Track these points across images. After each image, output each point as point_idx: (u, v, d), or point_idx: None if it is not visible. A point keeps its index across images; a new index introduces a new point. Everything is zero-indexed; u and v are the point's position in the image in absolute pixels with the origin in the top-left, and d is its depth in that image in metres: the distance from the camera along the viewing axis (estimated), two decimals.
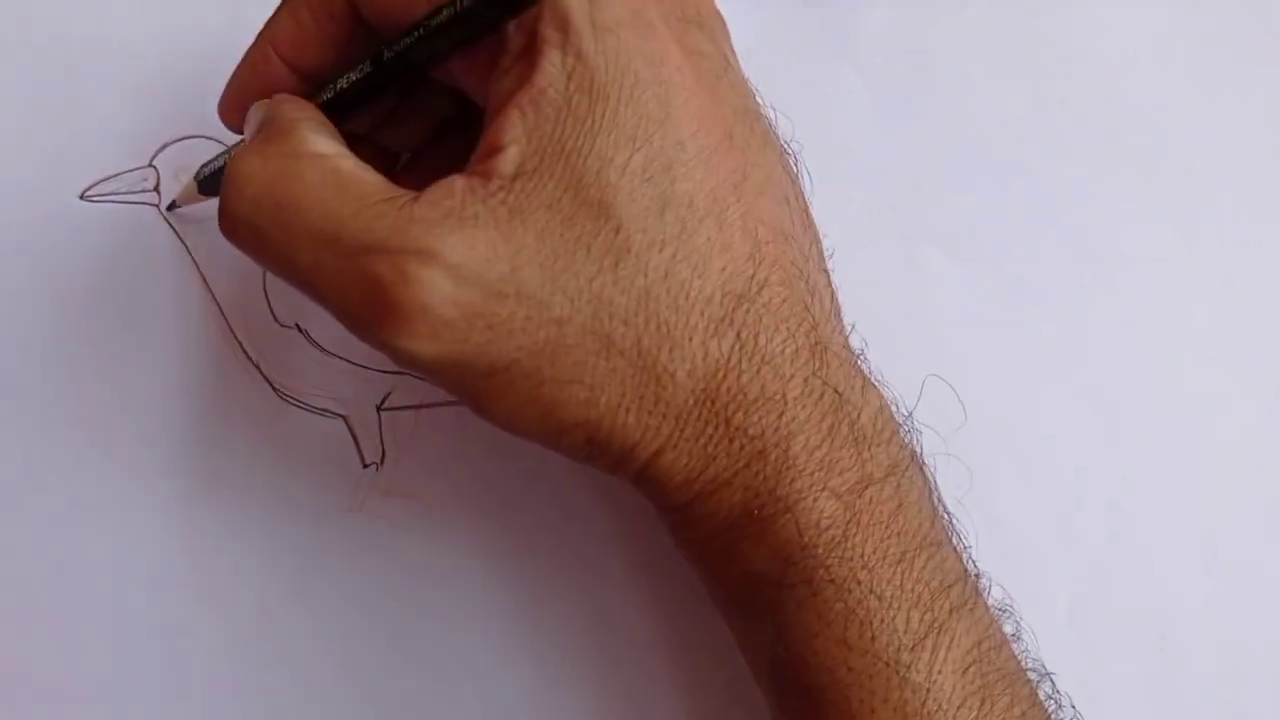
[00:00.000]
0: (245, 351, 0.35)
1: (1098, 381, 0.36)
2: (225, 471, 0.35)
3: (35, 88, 0.35)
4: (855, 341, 0.29)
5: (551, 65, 0.25)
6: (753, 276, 0.26)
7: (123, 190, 0.35)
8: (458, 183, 0.25)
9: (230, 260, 0.35)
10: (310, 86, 0.29)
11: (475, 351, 0.25)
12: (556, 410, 0.26)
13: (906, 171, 0.37)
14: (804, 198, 0.29)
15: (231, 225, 0.26)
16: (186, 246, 0.35)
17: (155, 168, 0.35)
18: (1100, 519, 0.36)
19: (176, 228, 0.35)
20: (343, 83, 0.28)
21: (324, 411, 0.35)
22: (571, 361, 0.25)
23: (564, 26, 0.25)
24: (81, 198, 0.35)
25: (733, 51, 0.29)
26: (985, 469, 0.36)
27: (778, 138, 0.29)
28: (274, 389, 0.35)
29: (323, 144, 0.26)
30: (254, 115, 0.29)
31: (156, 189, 0.35)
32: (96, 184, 0.35)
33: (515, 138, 0.25)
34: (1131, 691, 0.35)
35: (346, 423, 0.35)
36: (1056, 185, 0.37)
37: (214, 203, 0.36)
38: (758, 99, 0.29)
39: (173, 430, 0.34)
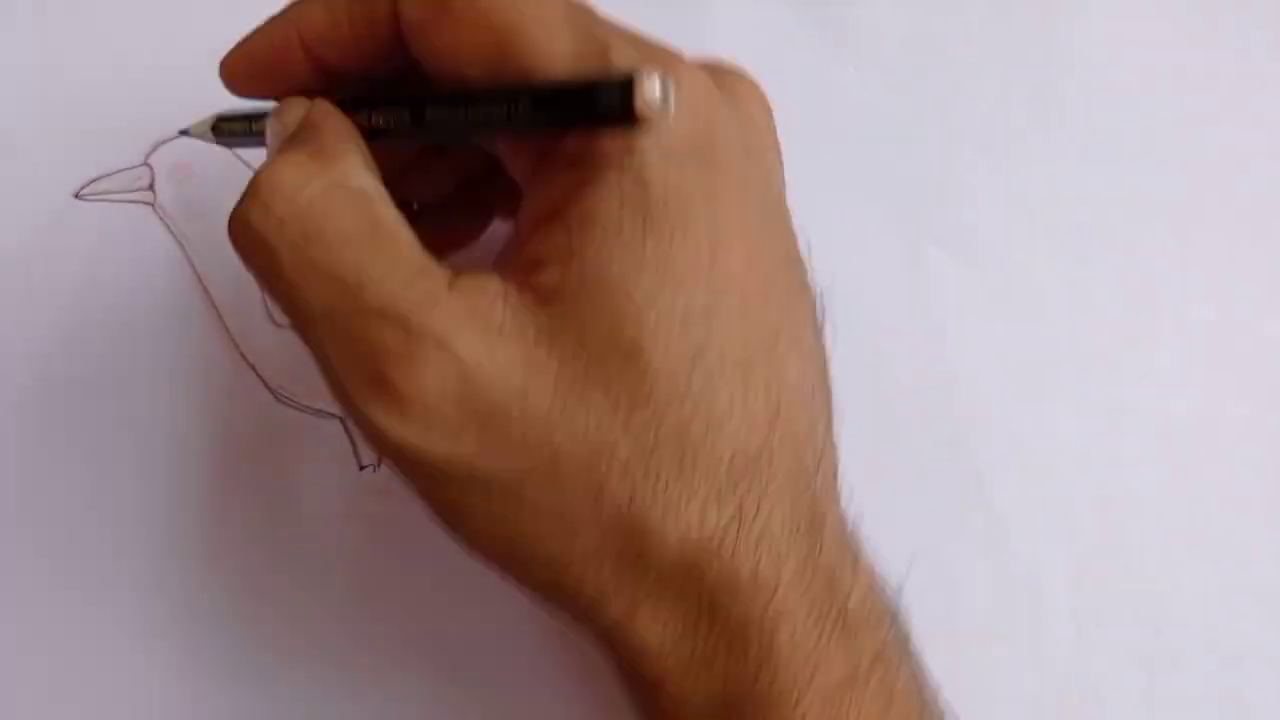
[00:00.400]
0: (241, 352, 0.35)
1: (1098, 381, 0.36)
2: (221, 472, 0.34)
3: (29, 87, 0.35)
4: (850, 489, 0.28)
5: (609, 185, 0.23)
6: (764, 444, 0.24)
7: (117, 189, 0.35)
8: (493, 284, 0.24)
9: (226, 260, 0.34)
10: (326, 83, 0.27)
11: (459, 458, 0.23)
12: (526, 541, 0.24)
13: (907, 171, 0.37)
14: (825, 349, 0.27)
15: (243, 235, 0.24)
16: (182, 245, 0.35)
17: (150, 166, 0.35)
18: (1100, 519, 0.36)
19: (172, 227, 0.35)
20: (376, 120, 0.26)
21: (320, 413, 0.35)
22: (557, 495, 0.23)
23: (628, 143, 0.23)
24: (76, 196, 0.35)
25: (784, 184, 0.27)
26: (985, 469, 0.36)
27: (812, 282, 0.27)
28: (270, 390, 0.35)
29: (368, 182, 0.24)
30: (290, 112, 0.26)
31: (151, 187, 0.35)
32: (91, 183, 0.35)
33: (559, 256, 0.23)
34: (1131, 691, 0.35)
35: (344, 424, 0.35)
36: (1057, 184, 0.37)
37: (214, 201, 0.36)
38: (796, 236, 0.27)
39: (168, 430, 0.34)
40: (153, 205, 0.35)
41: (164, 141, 0.35)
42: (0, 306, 0.34)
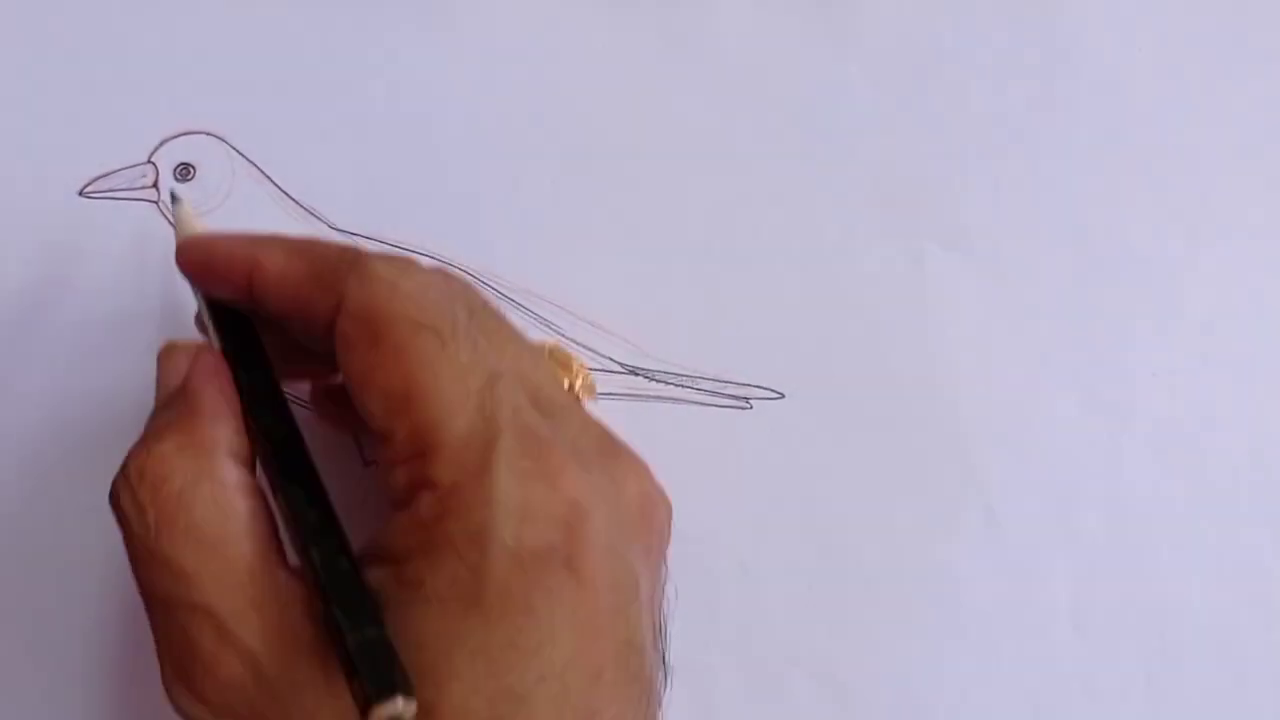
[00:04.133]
0: None
1: (1098, 381, 0.36)
2: None
3: (34, 84, 0.35)
4: None
5: (447, 565, 0.24)
6: None
7: (121, 186, 0.35)
8: (316, 601, 0.25)
9: None
10: (255, 311, 0.28)
11: None
12: None
13: (908, 170, 0.37)
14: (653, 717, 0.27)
15: (114, 506, 0.26)
16: None
17: (154, 164, 0.35)
18: (1100, 518, 0.36)
19: (176, 225, 0.35)
20: (255, 387, 0.28)
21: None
22: None
23: (475, 534, 0.24)
24: (80, 194, 0.35)
25: (655, 570, 0.28)
26: (985, 469, 0.36)
27: (655, 668, 0.27)
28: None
29: (232, 474, 0.26)
30: (173, 363, 0.28)
31: (155, 185, 0.35)
32: (95, 180, 0.35)
33: (388, 604, 0.24)
34: (1131, 691, 0.35)
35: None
36: (1058, 183, 0.37)
37: (217, 200, 0.36)
38: (645, 621, 0.27)
39: None
40: (157, 203, 0.35)
41: (168, 139, 0.35)
42: (2, 305, 0.34)
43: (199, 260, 0.29)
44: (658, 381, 0.35)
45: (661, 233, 0.36)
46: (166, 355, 0.29)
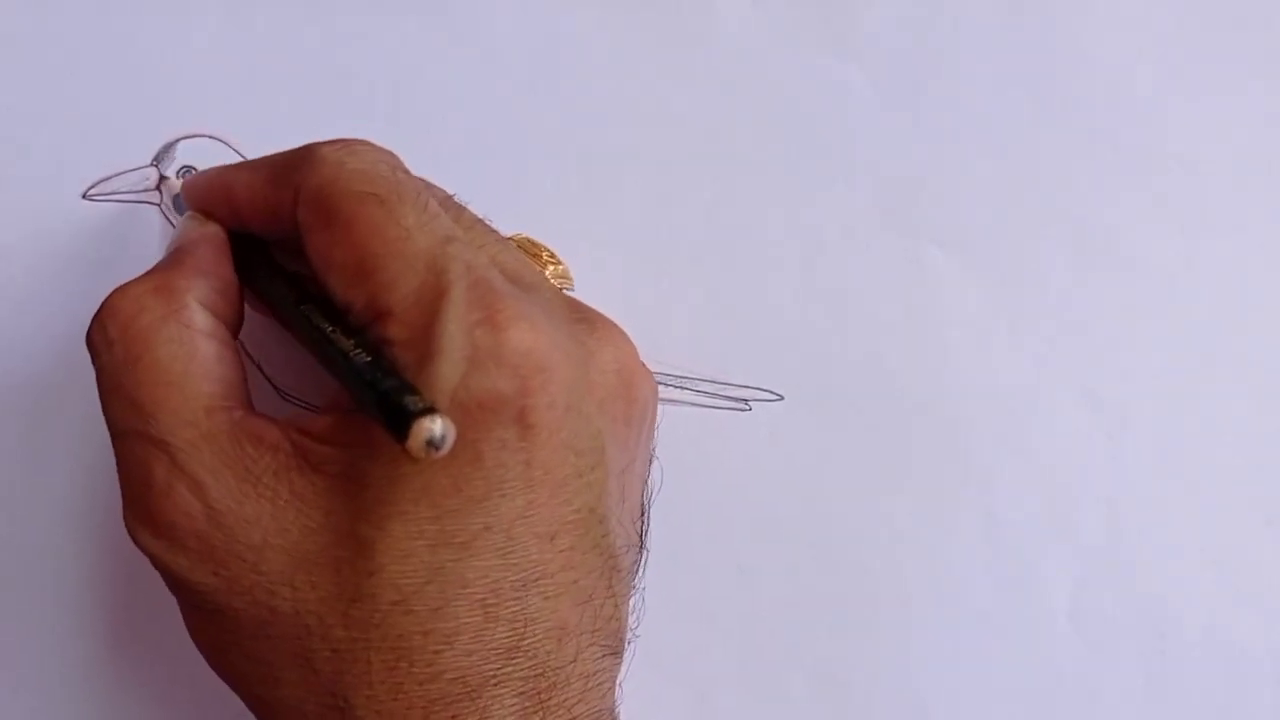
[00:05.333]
0: (245, 350, 0.35)
1: (1098, 381, 0.36)
2: None
3: (36, 87, 0.36)
4: None
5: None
6: (496, 672, 0.25)
7: (124, 189, 0.35)
8: (270, 434, 0.26)
9: None
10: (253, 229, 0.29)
11: (195, 585, 0.25)
12: (242, 677, 0.26)
13: (908, 170, 0.37)
14: (618, 600, 0.27)
15: (89, 343, 0.27)
16: None
17: (157, 167, 0.35)
18: (1100, 519, 0.36)
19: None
20: (261, 278, 0.29)
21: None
22: (268, 648, 0.25)
23: (425, 388, 0.24)
24: (84, 197, 0.35)
25: (633, 442, 0.28)
26: (985, 469, 0.36)
27: (624, 543, 0.27)
28: (274, 387, 0.35)
29: (200, 318, 0.27)
30: (185, 225, 0.30)
31: (158, 188, 0.35)
32: (98, 183, 0.35)
33: (341, 438, 0.25)
34: (1131, 691, 0.35)
35: None
36: (1058, 184, 0.37)
37: None
38: (631, 496, 0.28)
39: None
40: (159, 206, 0.35)
41: (171, 142, 0.35)
42: (5, 306, 0.35)
43: (193, 194, 0.30)
44: (656, 383, 0.35)
45: (661, 233, 0.36)
46: (182, 224, 0.30)
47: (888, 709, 0.35)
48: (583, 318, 0.28)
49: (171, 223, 0.35)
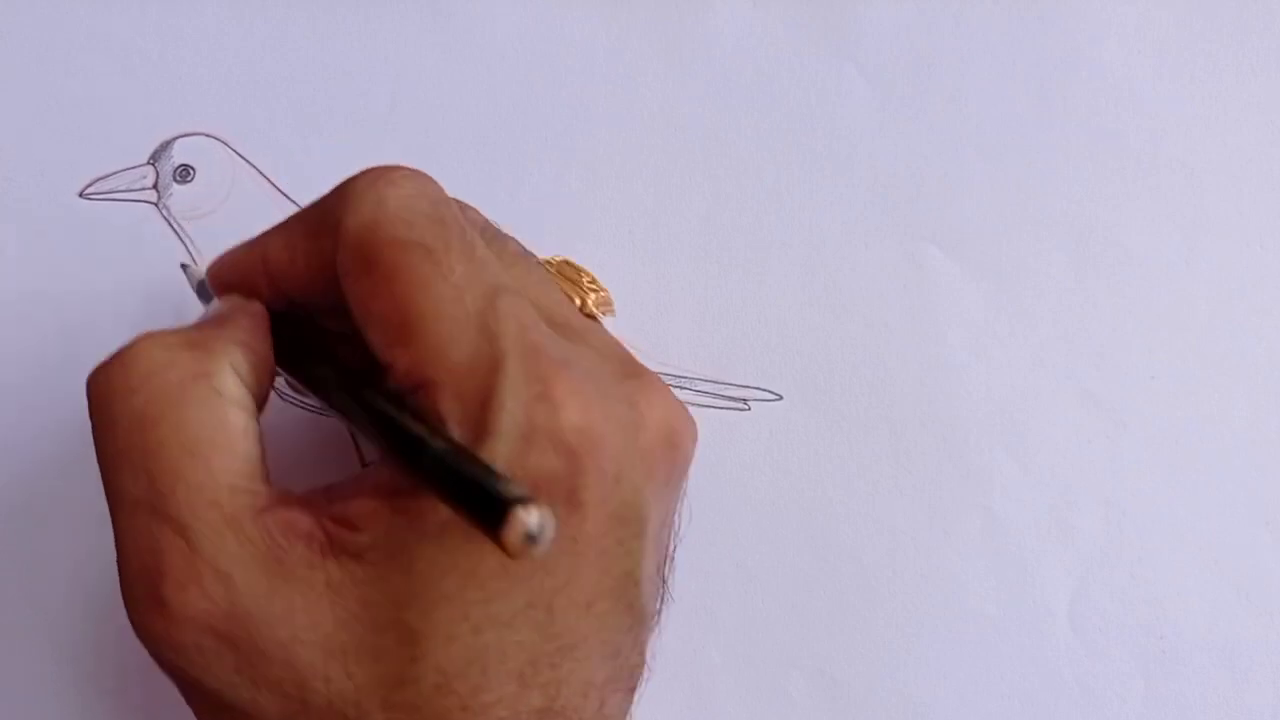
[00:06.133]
0: None
1: (1098, 381, 0.36)
2: None
3: (33, 86, 0.35)
4: None
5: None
6: None
7: (121, 188, 0.35)
8: (302, 522, 0.23)
9: None
10: (291, 306, 0.27)
11: (210, 680, 0.23)
12: None
13: (907, 171, 0.37)
14: (643, 648, 0.27)
15: (94, 387, 0.25)
16: (186, 245, 0.35)
17: (154, 165, 0.35)
18: (1099, 519, 0.36)
19: (176, 227, 0.35)
20: (302, 366, 0.26)
21: (323, 411, 0.35)
22: None
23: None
24: (80, 195, 0.35)
25: (671, 499, 0.27)
26: (985, 469, 0.36)
27: (653, 597, 0.27)
28: (273, 388, 0.35)
29: (232, 386, 0.25)
30: (210, 308, 0.27)
31: (155, 187, 0.35)
32: (95, 182, 0.35)
33: (376, 524, 0.23)
34: (1131, 692, 0.35)
35: (347, 422, 0.35)
36: (1058, 185, 0.37)
37: (217, 202, 0.36)
38: (662, 549, 0.27)
39: None
40: (156, 205, 0.35)
41: (168, 141, 0.35)
42: (2, 306, 0.34)
43: (222, 282, 0.28)
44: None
45: (661, 233, 0.36)
46: (213, 305, 0.28)
47: (888, 709, 0.35)
48: (630, 373, 0.26)
49: (169, 222, 0.35)
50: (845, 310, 0.36)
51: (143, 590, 0.23)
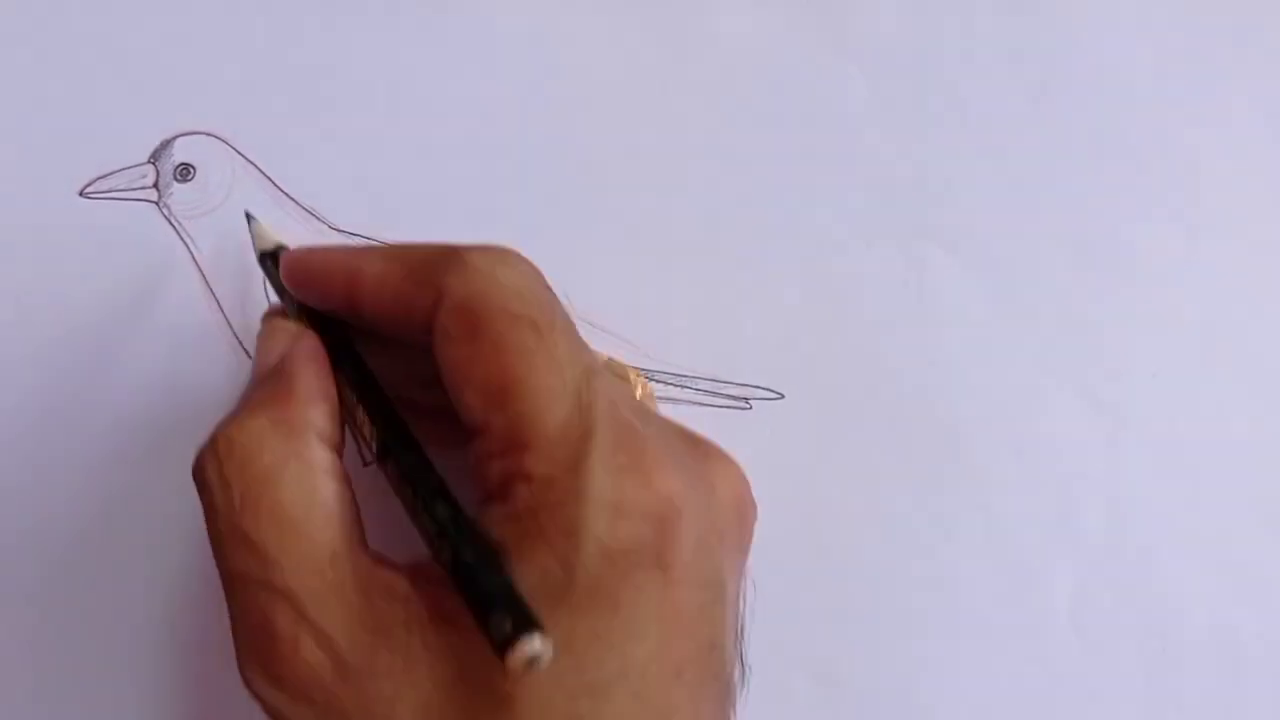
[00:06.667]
0: (245, 349, 0.35)
1: (1098, 381, 0.36)
2: None
3: (33, 85, 0.35)
4: None
5: (536, 559, 0.24)
6: None
7: (122, 187, 0.35)
8: (400, 587, 0.25)
9: (231, 258, 0.35)
10: (354, 319, 0.28)
11: None
12: None
13: (907, 171, 0.37)
14: (731, 714, 0.27)
15: (198, 476, 0.26)
16: (187, 244, 0.35)
17: (154, 164, 0.35)
18: (1100, 519, 0.36)
19: (177, 225, 0.35)
20: (361, 418, 0.27)
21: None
22: None
23: (569, 529, 0.24)
24: (81, 194, 0.35)
25: (742, 569, 0.28)
26: (985, 469, 0.36)
27: (734, 666, 0.27)
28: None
29: (321, 456, 0.26)
30: (275, 340, 0.28)
31: (155, 185, 0.35)
32: (95, 181, 0.35)
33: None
34: (1131, 691, 0.35)
35: (349, 421, 0.35)
36: (1058, 184, 0.37)
37: (217, 200, 0.36)
38: (727, 620, 0.27)
39: (170, 428, 0.34)
40: (157, 204, 0.35)
41: (168, 140, 0.35)
42: (2, 305, 0.34)
43: (302, 272, 0.29)
44: (657, 382, 0.35)
45: (661, 233, 0.36)
46: (269, 333, 0.29)
47: (888, 709, 0.35)
48: (698, 449, 0.28)
49: (169, 221, 0.35)
50: (845, 310, 0.36)
51: (254, 650, 0.25)
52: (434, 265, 0.27)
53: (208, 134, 0.35)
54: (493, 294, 0.26)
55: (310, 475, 0.26)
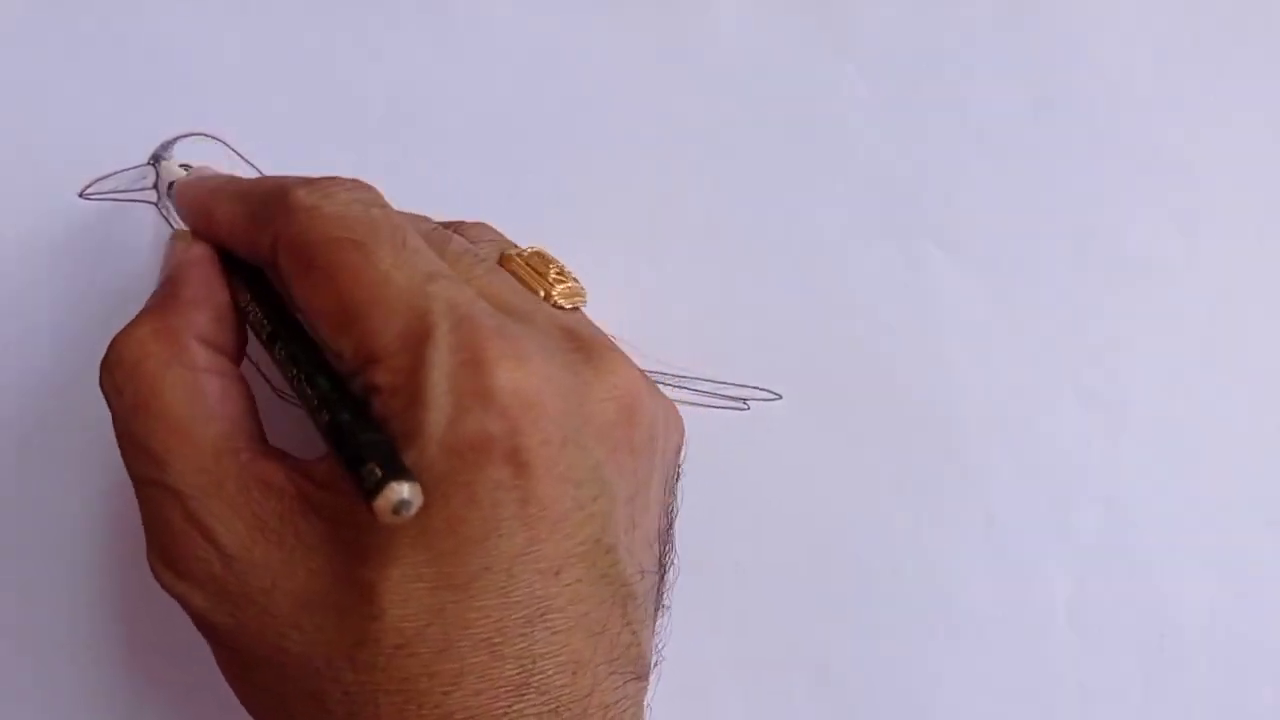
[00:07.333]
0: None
1: (1098, 381, 0.36)
2: None
3: (33, 86, 0.35)
4: None
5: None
6: (506, 710, 0.24)
7: (122, 188, 0.35)
8: (276, 478, 0.26)
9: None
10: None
11: (215, 625, 0.26)
12: (261, 712, 0.27)
13: (907, 171, 0.37)
14: (635, 627, 0.27)
15: (102, 385, 0.27)
16: None
17: (154, 166, 0.35)
18: (1099, 518, 0.36)
19: (176, 226, 0.35)
20: (245, 300, 0.28)
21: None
22: (282, 686, 0.26)
23: (414, 438, 0.24)
24: (80, 196, 0.35)
25: (641, 468, 0.28)
26: (985, 469, 0.36)
27: (638, 570, 0.27)
28: (272, 387, 0.35)
29: (203, 356, 0.27)
30: (174, 248, 0.30)
31: (155, 186, 0.35)
32: (95, 182, 0.35)
33: (335, 484, 0.25)
34: (1131, 691, 0.35)
35: None
36: (1057, 184, 0.37)
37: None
38: (645, 522, 0.28)
39: None
40: (156, 205, 0.35)
41: (169, 141, 0.35)
42: (2, 306, 0.34)
43: (181, 205, 0.31)
44: (654, 382, 0.35)
45: (660, 233, 0.36)
46: (169, 249, 0.30)
47: (888, 709, 0.35)
48: (579, 347, 0.27)
49: (168, 221, 0.35)
50: (845, 310, 0.36)
51: (156, 545, 0.26)
52: (267, 206, 0.27)
53: (208, 135, 0.35)
54: (315, 226, 0.26)
55: (191, 377, 0.27)
